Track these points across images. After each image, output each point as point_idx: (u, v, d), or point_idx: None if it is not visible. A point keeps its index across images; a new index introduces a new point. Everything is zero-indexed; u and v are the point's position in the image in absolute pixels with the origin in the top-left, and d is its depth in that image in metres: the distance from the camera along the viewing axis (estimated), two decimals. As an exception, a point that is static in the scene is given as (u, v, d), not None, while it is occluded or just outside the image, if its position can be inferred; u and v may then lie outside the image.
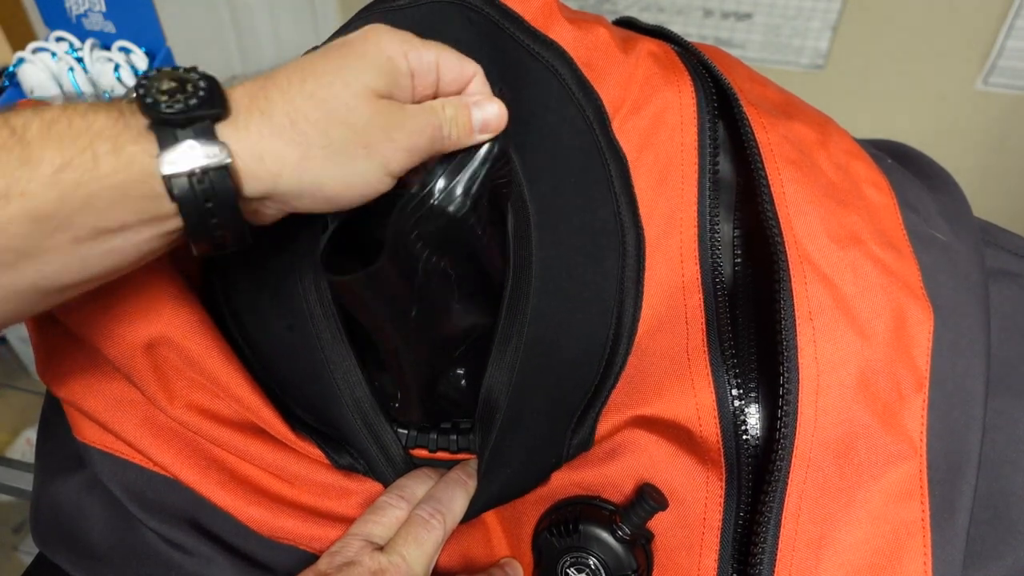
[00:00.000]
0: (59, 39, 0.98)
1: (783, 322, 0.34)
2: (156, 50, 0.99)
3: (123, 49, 0.98)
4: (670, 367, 0.36)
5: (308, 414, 0.38)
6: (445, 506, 0.36)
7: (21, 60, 0.94)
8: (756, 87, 0.42)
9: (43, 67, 0.93)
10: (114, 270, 0.27)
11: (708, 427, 0.35)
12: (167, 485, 0.38)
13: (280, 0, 1.20)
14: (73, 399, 0.38)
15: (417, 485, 0.37)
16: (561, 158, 0.35)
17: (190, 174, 0.26)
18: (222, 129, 0.27)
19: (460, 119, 0.32)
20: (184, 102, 0.26)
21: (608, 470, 0.36)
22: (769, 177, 0.36)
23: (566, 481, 0.37)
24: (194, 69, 0.28)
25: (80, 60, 0.95)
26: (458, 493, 0.37)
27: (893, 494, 0.34)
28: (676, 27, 1.18)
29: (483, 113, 0.33)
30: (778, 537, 0.34)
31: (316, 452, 0.37)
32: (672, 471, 0.36)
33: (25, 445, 1.08)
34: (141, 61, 0.97)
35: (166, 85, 0.26)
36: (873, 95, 1.13)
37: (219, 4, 1.17)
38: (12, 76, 0.94)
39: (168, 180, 0.26)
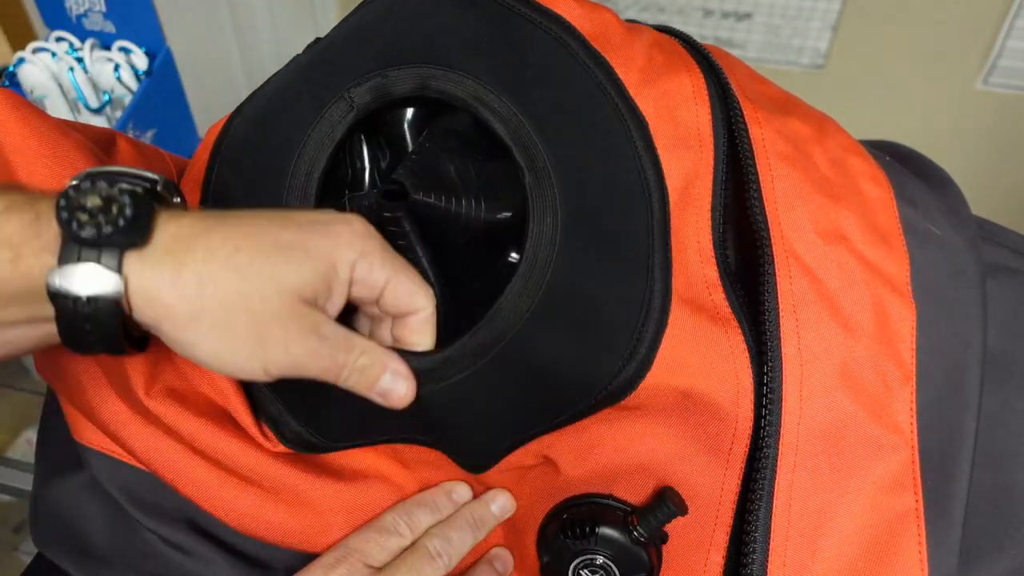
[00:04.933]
0: (59, 39, 0.98)
1: (767, 313, 0.34)
2: (156, 50, 0.99)
3: (123, 49, 0.97)
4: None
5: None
6: (454, 548, 0.36)
7: (21, 60, 0.94)
8: (754, 84, 0.42)
9: (43, 67, 0.93)
10: (5, 357, 0.28)
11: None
12: (164, 486, 0.37)
13: (280, 0, 1.20)
14: (71, 396, 0.38)
15: (425, 515, 0.37)
16: (576, 121, 0.35)
17: (75, 299, 0.25)
18: (130, 258, 0.26)
19: (367, 373, 0.31)
20: (100, 228, 0.25)
21: (620, 459, 0.35)
22: (759, 172, 0.36)
23: (574, 474, 0.36)
24: (135, 179, 0.27)
25: (80, 60, 0.95)
26: (468, 538, 0.37)
27: (885, 485, 0.34)
28: (676, 27, 1.17)
29: (392, 382, 0.31)
30: (769, 528, 0.34)
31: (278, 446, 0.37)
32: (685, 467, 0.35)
33: (25, 445, 1.08)
34: (141, 61, 0.97)
35: (91, 202, 0.25)
36: (873, 95, 1.13)
37: (219, 4, 1.17)
38: (12, 76, 0.94)
39: (52, 297, 0.25)
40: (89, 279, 0.25)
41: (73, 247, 0.25)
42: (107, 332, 0.27)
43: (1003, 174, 1.16)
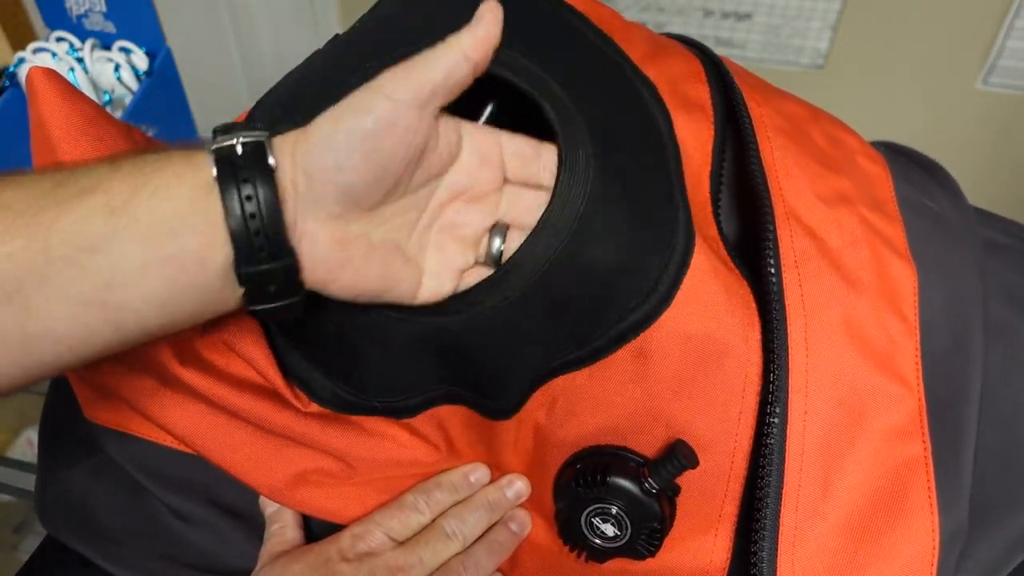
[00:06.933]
0: (59, 39, 0.99)
1: (771, 266, 0.35)
2: (156, 50, 0.99)
3: (123, 49, 0.98)
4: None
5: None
6: (469, 529, 0.38)
7: (21, 60, 0.94)
8: (750, 76, 0.44)
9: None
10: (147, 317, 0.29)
11: None
12: (186, 459, 0.38)
13: (280, 0, 1.20)
14: (88, 375, 0.38)
15: (443, 495, 0.38)
16: (590, 77, 0.37)
17: (231, 155, 0.27)
18: (273, 138, 0.29)
19: None
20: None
21: (635, 409, 0.35)
22: (759, 142, 0.38)
23: (590, 424, 0.36)
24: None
25: (80, 60, 0.95)
26: (483, 519, 0.38)
27: (893, 434, 0.35)
28: (676, 27, 1.17)
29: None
30: (782, 476, 0.34)
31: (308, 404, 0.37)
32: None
33: (25, 445, 1.08)
34: (141, 61, 0.97)
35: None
36: (873, 95, 1.13)
37: (219, 4, 1.17)
38: (12, 76, 0.94)
39: (216, 163, 0.27)
40: (241, 136, 0.28)
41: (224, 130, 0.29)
42: (271, 214, 0.27)
43: (1003, 174, 1.16)
